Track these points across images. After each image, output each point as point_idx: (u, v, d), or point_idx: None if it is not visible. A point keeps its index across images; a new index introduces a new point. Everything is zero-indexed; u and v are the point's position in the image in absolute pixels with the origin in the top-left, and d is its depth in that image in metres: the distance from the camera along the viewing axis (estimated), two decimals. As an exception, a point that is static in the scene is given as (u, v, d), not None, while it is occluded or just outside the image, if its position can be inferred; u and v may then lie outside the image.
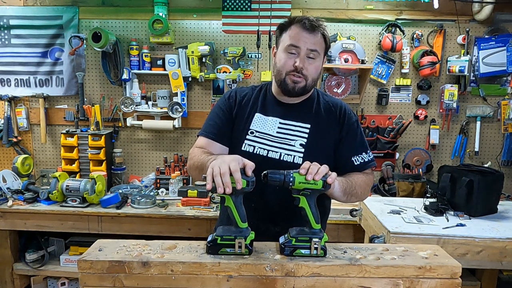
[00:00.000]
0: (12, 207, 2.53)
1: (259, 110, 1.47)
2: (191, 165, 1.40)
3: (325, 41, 1.40)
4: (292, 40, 1.36)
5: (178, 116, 2.89)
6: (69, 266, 2.70)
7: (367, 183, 1.44)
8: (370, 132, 2.93)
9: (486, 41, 2.82)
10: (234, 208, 1.10)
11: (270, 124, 1.45)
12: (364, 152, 1.46)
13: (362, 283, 1.04)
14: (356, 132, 1.47)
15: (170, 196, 2.75)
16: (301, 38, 1.35)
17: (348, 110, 1.50)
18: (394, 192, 2.72)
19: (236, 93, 1.53)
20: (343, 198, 1.33)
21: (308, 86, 1.40)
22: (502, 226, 1.81)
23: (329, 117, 1.46)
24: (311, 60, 1.37)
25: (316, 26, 1.36)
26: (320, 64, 1.42)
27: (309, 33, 1.35)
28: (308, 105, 1.48)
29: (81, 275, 1.04)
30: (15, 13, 2.95)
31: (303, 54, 1.36)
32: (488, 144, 2.99)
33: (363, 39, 2.90)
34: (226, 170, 1.05)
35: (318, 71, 1.41)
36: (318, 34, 1.37)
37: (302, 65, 1.36)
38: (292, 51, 1.37)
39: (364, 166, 1.45)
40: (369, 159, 1.47)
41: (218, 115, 1.49)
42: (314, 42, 1.36)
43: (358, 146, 1.46)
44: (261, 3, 2.85)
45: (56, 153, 3.12)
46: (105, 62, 2.91)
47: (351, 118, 1.48)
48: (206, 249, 1.10)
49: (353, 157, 1.44)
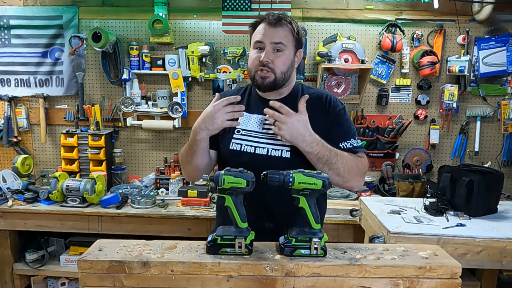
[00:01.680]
0: (12, 207, 2.53)
1: (245, 109, 1.48)
2: (182, 160, 1.52)
3: (292, 33, 1.41)
4: (257, 36, 1.41)
5: (178, 116, 2.89)
6: (69, 266, 2.70)
7: (357, 165, 1.40)
8: (370, 132, 2.93)
9: (486, 41, 2.82)
10: (234, 208, 1.10)
11: (255, 121, 1.47)
12: (353, 138, 1.45)
13: (362, 283, 1.04)
14: (343, 118, 1.47)
15: (170, 196, 2.75)
16: (265, 33, 1.39)
17: (334, 98, 1.50)
18: (394, 192, 2.72)
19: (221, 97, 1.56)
20: (317, 165, 1.33)
21: (278, 79, 1.41)
22: (502, 226, 1.80)
23: (314, 107, 1.46)
24: (279, 53, 1.40)
25: (279, 19, 1.39)
26: (289, 57, 1.43)
27: (272, 27, 1.39)
28: (292, 99, 1.48)
29: (81, 275, 1.04)
30: (15, 13, 2.95)
31: (268, 48, 1.39)
32: (488, 144, 2.99)
33: (363, 39, 2.90)
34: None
35: (286, 64, 1.42)
36: (283, 27, 1.39)
37: (267, 59, 1.38)
38: (259, 46, 1.41)
39: (354, 150, 1.43)
40: (359, 144, 1.45)
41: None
42: (278, 35, 1.39)
43: (346, 132, 1.45)
44: (261, 3, 2.86)
45: (56, 153, 3.12)
46: (105, 62, 2.90)
47: (337, 106, 1.47)
48: (206, 249, 1.10)
49: (341, 143, 1.43)
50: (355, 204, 2.47)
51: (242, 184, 1.08)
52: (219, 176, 1.08)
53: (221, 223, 1.25)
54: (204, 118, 1.36)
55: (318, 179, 1.10)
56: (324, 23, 2.90)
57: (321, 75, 2.82)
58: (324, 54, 2.72)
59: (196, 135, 1.37)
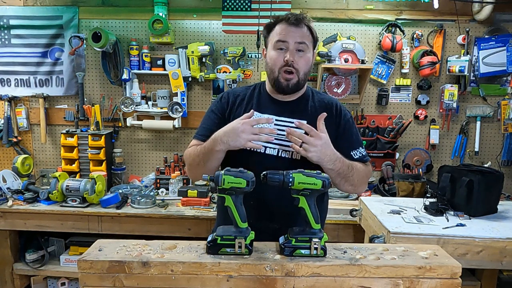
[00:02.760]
0: (12, 207, 2.53)
1: (255, 108, 1.48)
2: (191, 162, 1.45)
3: (311, 34, 1.42)
4: (279, 36, 1.39)
5: (178, 116, 2.89)
6: (69, 266, 2.70)
7: (366, 174, 1.48)
8: (370, 132, 2.93)
9: (486, 41, 2.82)
10: (234, 208, 1.10)
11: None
12: (361, 147, 1.51)
13: (362, 283, 1.04)
14: (352, 128, 1.52)
15: (170, 196, 2.75)
16: (288, 32, 1.38)
17: (343, 107, 1.54)
18: (394, 192, 2.72)
19: (228, 94, 1.56)
20: (336, 179, 1.36)
21: (301, 80, 1.42)
22: (502, 226, 1.81)
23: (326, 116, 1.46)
24: (301, 53, 1.40)
25: (301, 19, 1.39)
26: (310, 57, 1.44)
27: (295, 27, 1.39)
28: (303, 102, 1.49)
29: (81, 275, 1.04)
30: (15, 13, 2.95)
31: (292, 48, 1.38)
32: (488, 144, 2.99)
33: (363, 39, 2.90)
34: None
35: (308, 64, 1.43)
36: (304, 27, 1.40)
37: (293, 58, 1.38)
38: (281, 46, 1.40)
39: (363, 159, 1.49)
40: (365, 153, 1.52)
41: (210, 117, 1.54)
42: (301, 35, 1.39)
43: (355, 141, 1.50)
44: (261, 3, 2.85)
45: (56, 153, 3.12)
46: (105, 62, 2.90)
47: (346, 115, 1.52)
48: (206, 249, 1.10)
49: (352, 152, 1.47)
50: (355, 204, 2.47)
51: (242, 184, 1.08)
52: (219, 176, 1.08)
53: (221, 223, 1.25)
54: (228, 132, 1.30)
55: (318, 179, 1.10)
56: (324, 23, 2.90)
57: (321, 75, 2.82)
58: (324, 54, 2.72)
59: (215, 145, 1.32)
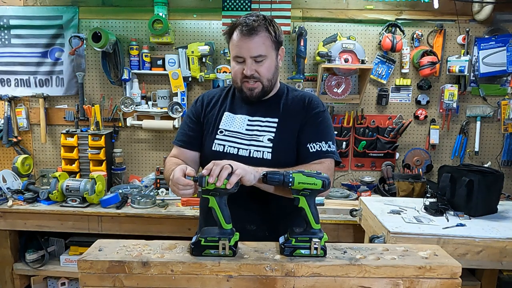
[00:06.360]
0: (12, 207, 2.52)
1: (228, 109, 1.48)
2: (165, 174, 1.44)
3: (270, 38, 1.37)
4: (235, 50, 1.37)
5: (178, 116, 2.89)
6: (69, 266, 2.69)
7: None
8: (370, 132, 2.93)
9: (486, 41, 2.82)
10: (218, 209, 1.10)
11: (239, 122, 1.46)
12: (324, 141, 1.38)
13: (362, 283, 1.04)
14: (317, 120, 1.42)
15: (170, 196, 2.75)
16: (242, 46, 1.35)
17: (314, 100, 1.46)
18: (394, 192, 2.72)
19: (203, 97, 1.56)
20: (277, 192, 1.28)
21: (266, 87, 1.41)
22: (502, 226, 1.81)
23: (296, 109, 1.45)
24: (260, 62, 1.37)
25: (254, 29, 1.33)
26: (272, 63, 1.41)
27: (248, 39, 1.34)
28: (276, 101, 1.48)
29: (81, 275, 1.04)
30: (15, 13, 2.95)
31: (249, 62, 1.36)
32: (488, 144, 2.99)
33: (363, 39, 2.90)
34: (228, 168, 1.08)
35: (271, 70, 1.40)
36: (258, 35, 1.34)
37: (251, 71, 1.36)
38: (239, 60, 1.38)
39: (320, 154, 1.36)
40: (328, 149, 1.37)
41: (186, 122, 1.54)
42: (256, 46, 1.35)
43: (317, 134, 1.39)
44: (261, 3, 2.85)
45: (56, 153, 3.12)
46: (105, 62, 2.90)
47: (315, 108, 1.43)
48: (190, 250, 1.09)
49: (309, 144, 1.37)
50: (355, 204, 2.47)
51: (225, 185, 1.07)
52: (202, 178, 1.08)
53: (203, 225, 1.24)
54: (171, 185, 1.22)
55: (318, 179, 1.10)
56: (324, 23, 2.90)
57: (321, 75, 2.82)
58: (324, 54, 2.72)
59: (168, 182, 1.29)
